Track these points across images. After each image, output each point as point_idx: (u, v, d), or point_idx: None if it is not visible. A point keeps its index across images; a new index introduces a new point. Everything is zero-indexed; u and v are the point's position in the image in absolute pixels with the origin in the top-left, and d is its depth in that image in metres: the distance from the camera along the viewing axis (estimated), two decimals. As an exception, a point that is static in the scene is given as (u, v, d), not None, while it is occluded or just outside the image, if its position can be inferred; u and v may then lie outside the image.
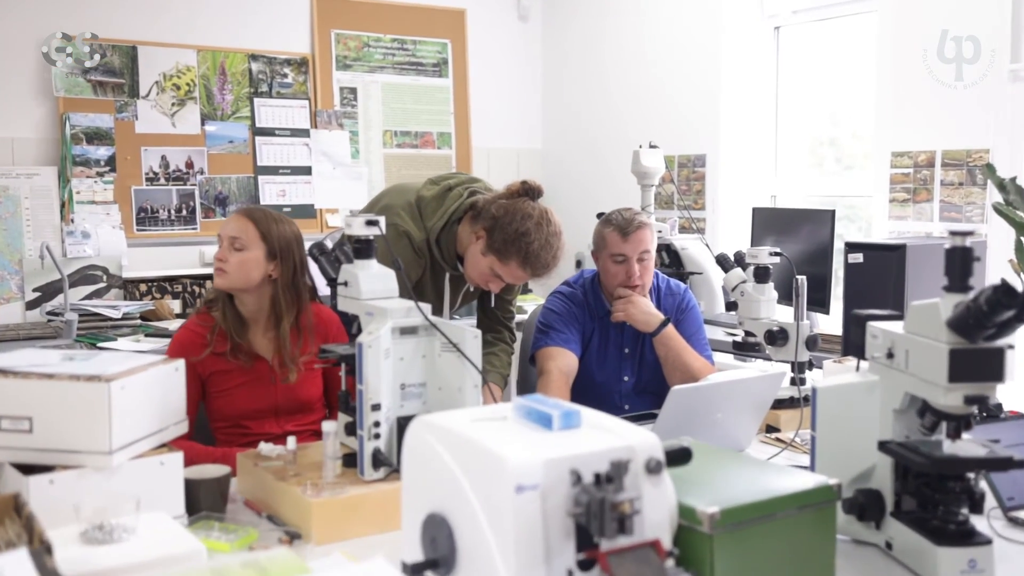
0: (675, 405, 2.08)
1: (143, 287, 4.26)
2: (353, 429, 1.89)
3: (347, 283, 1.99)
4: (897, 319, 1.69)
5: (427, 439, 1.37)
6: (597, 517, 1.17)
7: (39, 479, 1.59)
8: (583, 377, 2.77)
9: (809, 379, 2.64)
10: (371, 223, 1.96)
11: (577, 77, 5.42)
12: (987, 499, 1.62)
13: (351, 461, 1.87)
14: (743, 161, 4.65)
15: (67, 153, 4.23)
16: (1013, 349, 1.48)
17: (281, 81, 4.80)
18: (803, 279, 2.62)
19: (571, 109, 5.48)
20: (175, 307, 4.28)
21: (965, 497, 1.57)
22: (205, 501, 1.80)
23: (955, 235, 1.51)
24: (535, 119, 5.66)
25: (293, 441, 1.94)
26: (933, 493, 1.59)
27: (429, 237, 2.58)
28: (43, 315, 3.99)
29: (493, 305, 2.80)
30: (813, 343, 2.59)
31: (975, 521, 1.59)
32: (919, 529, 1.58)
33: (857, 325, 1.74)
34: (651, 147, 4.00)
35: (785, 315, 2.71)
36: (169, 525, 1.59)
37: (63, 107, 4.25)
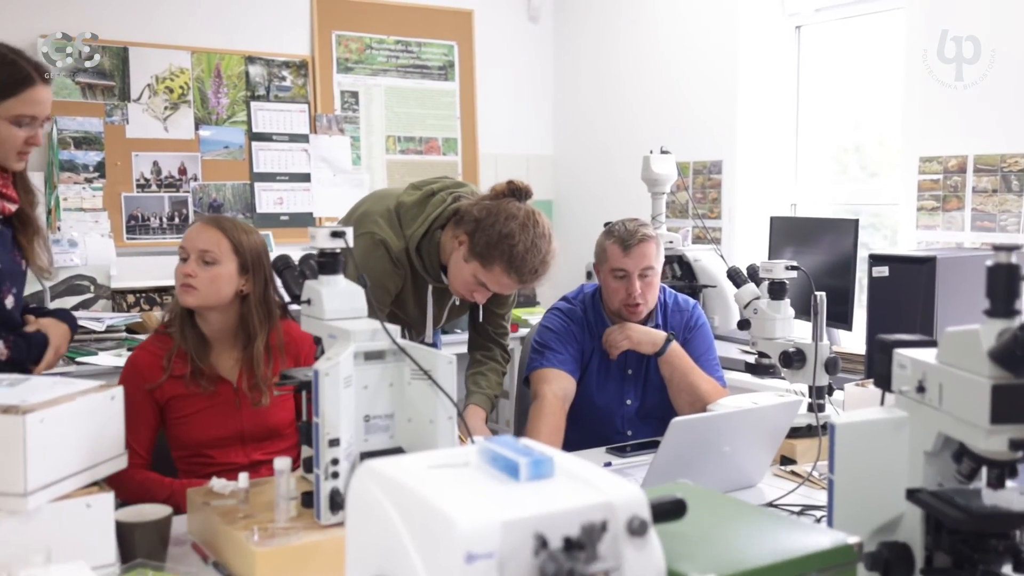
0: (676, 438, 1.86)
1: (131, 298, 4.08)
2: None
3: (310, 301, 1.78)
4: (929, 345, 1.46)
5: (372, 490, 1.17)
6: (565, 592, 0.97)
7: (-59, 526, 1.40)
8: (582, 401, 2.56)
9: (828, 405, 2.42)
10: (336, 234, 1.76)
11: (589, 80, 5.23)
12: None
13: (311, 500, 1.67)
14: (762, 168, 4.45)
15: (54, 158, 4.07)
16: (1067, 385, 1.26)
17: (279, 84, 4.62)
18: (822, 296, 2.40)
19: (583, 113, 5.30)
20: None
21: (1009, 556, 1.35)
22: (141, 547, 1.60)
23: (999, 250, 1.28)
24: (546, 124, 5.49)
25: (245, 477, 1.74)
26: (971, 551, 1.36)
27: (409, 246, 2.38)
28: (25, 328, 3.81)
29: (483, 320, 2.59)
30: (833, 366, 2.36)
31: (1019, 583, 1.36)
32: (954, 592, 1.35)
33: (882, 352, 1.51)
34: (662, 152, 3.80)
35: (803, 331, 2.49)
36: (86, 579, 1.39)
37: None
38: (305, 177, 4.69)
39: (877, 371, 1.53)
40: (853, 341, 3.41)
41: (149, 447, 2.14)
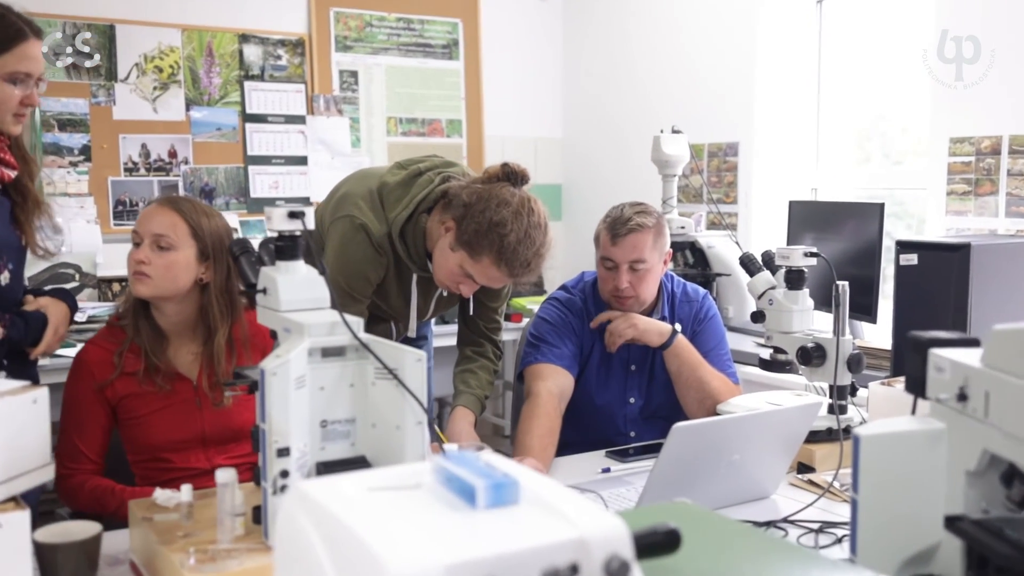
0: (678, 446, 1.65)
1: (117, 287, 3.90)
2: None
3: (266, 290, 1.58)
4: (972, 345, 1.24)
5: (300, 520, 0.97)
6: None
7: None
8: (581, 400, 2.35)
9: (851, 406, 2.20)
10: (294, 215, 1.56)
11: (600, 59, 5.01)
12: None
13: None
14: (780, 150, 4.22)
15: (37, 141, 3.89)
16: None
17: (275, 64, 4.42)
18: (845, 285, 2.17)
19: (594, 94, 5.08)
20: (151, 309, 3.92)
21: (1067, 597, 1.13)
22: (65, 570, 1.41)
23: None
24: (555, 105, 5.28)
25: (188, 489, 1.54)
26: (1022, 590, 1.15)
27: (391, 231, 2.17)
28: (2, 317, 3.65)
29: (473, 313, 2.38)
30: (856, 363, 2.14)
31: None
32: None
33: (916, 351, 1.29)
34: (674, 132, 3.58)
35: (823, 324, 2.27)
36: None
37: (33, 91, 3.91)
38: (302, 160, 4.50)
39: (909, 374, 1.32)
40: (878, 335, 3.19)
41: (101, 451, 1.96)
